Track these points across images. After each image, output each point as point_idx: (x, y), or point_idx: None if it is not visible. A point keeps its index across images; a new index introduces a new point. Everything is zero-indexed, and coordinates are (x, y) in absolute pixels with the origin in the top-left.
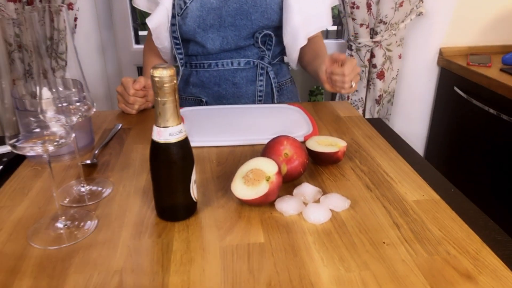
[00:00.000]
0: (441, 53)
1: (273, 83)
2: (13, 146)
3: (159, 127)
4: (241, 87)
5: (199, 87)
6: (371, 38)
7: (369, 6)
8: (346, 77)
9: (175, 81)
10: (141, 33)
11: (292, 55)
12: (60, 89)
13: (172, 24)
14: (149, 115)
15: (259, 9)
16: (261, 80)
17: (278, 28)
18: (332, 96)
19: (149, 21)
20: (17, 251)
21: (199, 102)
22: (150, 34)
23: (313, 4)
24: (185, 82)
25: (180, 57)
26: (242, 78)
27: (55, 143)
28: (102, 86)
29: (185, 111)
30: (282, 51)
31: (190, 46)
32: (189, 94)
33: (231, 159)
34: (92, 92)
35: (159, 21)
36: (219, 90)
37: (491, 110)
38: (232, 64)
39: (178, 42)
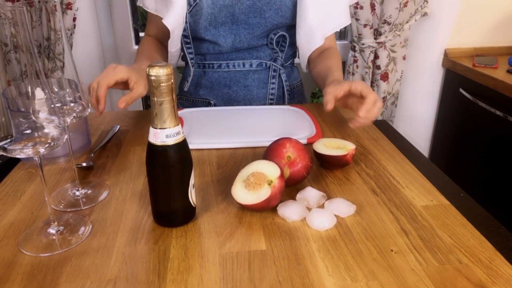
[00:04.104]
0: (446, 54)
1: (285, 86)
2: (3, 148)
3: (156, 128)
4: (252, 90)
5: (207, 88)
6: (375, 39)
7: (372, 6)
8: (377, 105)
9: (172, 80)
10: (141, 34)
11: (305, 57)
12: (55, 89)
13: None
14: (148, 116)
15: (273, 7)
16: (273, 83)
17: (291, 28)
18: None
19: (167, 23)
20: (7, 258)
21: (207, 105)
22: (149, 20)
23: (331, 1)
24: (194, 83)
25: (191, 56)
26: (254, 80)
27: (47, 145)
28: None
29: (184, 112)
30: (295, 53)
31: (200, 45)
32: (197, 96)
33: (232, 162)
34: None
35: (178, 21)
36: (229, 92)
37: (498, 112)
38: (244, 65)
39: (188, 41)
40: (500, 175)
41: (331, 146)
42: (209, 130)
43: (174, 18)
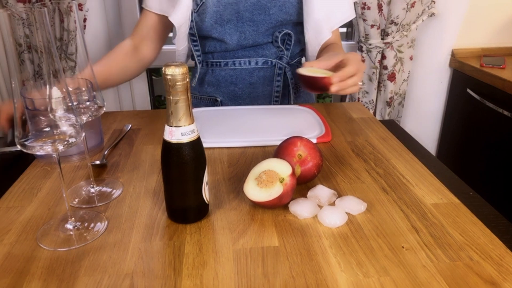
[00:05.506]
0: (453, 54)
1: (290, 84)
2: (23, 145)
3: (171, 126)
4: (257, 87)
5: (214, 86)
6: (382, 39)
7: (380, 7)
8: (353, 79)
9: (187, 79)
10: None
11: (315, 51)
12: (70, 88)
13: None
14: (159, 116)
15: (277, 3)
16: (278, 81)
17: (296, 25)
18: (342, 98)
19: (173, 20)
20: (26, 253)
21: (214, 102)
22: (142, 18)
23: None
24: (200, 81)
25: (198, 54)
26: (259, 78)
27: (65, 143)
28: None
29: (195, 111)
30: (301, 52)
31: (207, 43)
32: (204, 94)
33: (243, 160)
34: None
35: (183, 18)
36: (235, 89)
37: (505, 112)
38: (249, 63)
39: (195, 39)
40: (507, 175)
41: (314, 72)
42: (220, 129)
43: (181, 15)
